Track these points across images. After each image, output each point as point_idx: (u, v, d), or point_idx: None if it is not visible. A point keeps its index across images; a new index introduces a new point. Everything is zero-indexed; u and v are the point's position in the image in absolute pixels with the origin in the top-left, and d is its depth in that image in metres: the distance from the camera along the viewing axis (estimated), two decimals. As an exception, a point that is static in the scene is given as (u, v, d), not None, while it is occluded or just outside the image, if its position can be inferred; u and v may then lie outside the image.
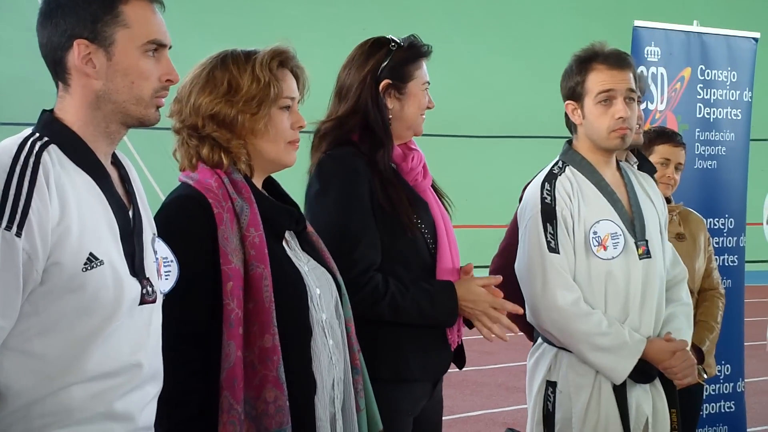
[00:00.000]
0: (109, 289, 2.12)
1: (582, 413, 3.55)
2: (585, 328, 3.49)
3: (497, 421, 7.51)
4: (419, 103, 3.37)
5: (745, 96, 5.77)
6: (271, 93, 2.69)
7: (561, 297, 3.50)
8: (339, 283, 2.83)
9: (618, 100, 3.56)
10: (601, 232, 3.55)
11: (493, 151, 17.42)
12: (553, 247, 3.52)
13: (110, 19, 2.18)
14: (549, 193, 3.58)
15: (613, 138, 3.57)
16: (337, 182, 3.24)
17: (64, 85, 2.21)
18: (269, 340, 2.54)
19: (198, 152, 2.69)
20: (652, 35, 5.50)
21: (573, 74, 3.62)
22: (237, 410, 2.50)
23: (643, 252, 3.60)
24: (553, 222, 3.54)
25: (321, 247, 2.85)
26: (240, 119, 2.68)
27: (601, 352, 3.50)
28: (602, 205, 3.59)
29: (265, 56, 2.70)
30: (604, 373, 3.54)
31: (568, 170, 3.63)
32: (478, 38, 18.77)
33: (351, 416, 2.77)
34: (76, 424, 2.11)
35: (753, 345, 6.95)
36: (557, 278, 3.51)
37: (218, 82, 2.68)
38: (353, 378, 2.79)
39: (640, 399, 3.60)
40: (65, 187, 2.10)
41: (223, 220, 2.58)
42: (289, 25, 16.75)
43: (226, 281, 2.54)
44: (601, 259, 3.54)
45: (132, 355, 2.18)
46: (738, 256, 5.77)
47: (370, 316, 3.20)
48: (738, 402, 5.73)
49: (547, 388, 3.62)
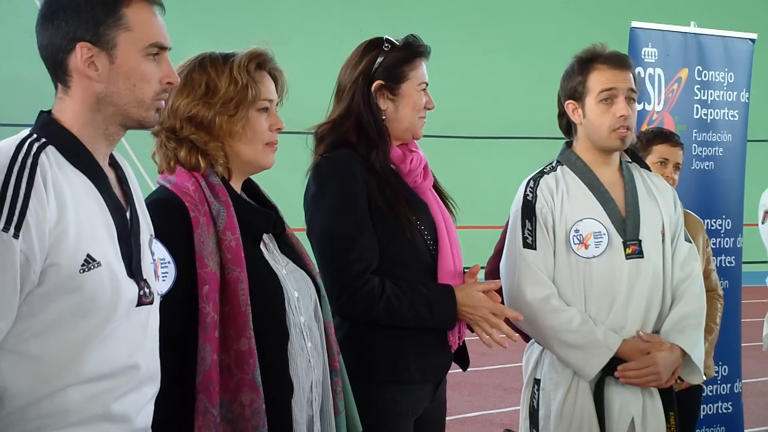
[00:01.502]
0: (107, 291, 2.12)
1: (559, 410, 3.58)
2: (552, 324, 3.52)
3: (495, 422, 7.51)
4: (414, 104, 3.34)
5: (742, 97, 5.77)
6: (249, 95, 2.69)
7: (530, 292, 3.53)
8: (318, 286, 2.82)
9: (620, 99, 3.58)
10: (583, 230, 3.57)
11: (490, 152, 17.43)
12: (529, 243, 3.56)
13: (113, 22, 2.18)
14: (532, 190, 3.63)
15: (614, 138, 3.59)
16: (333, 184, 3.23)
17: (63, 87, 2.20)
18: (245, 344, 2.54)
19: (176, 154, 2.68)
20: (649, 36, 5.50)
21: (574, 74, 3.63)
22: (212, 413, 2.49)
23: (633, 252, 3.59)
24: (532, 219, 3.58)
25: (300, 250, 2.85)
26: (218, 121, 2.68)
27: (570, 348, 3.53)
28: (589, 204, 3.60)
29: (242, 58, 2.70)
30: (574, 369, 3.56)
31: (559, 169, 3.66)
32: (475, 39, 18.77)
33: (329, 419, 2.77)
34: (72, 426, 2.11)
35: (750, 346, 6.96)
36: (529, 274, 3.55)
37: (196, 84, 2.68)
38: (332, 380, 2.79)
39: (628, 400, 3.58)
40: (63, 189, 2.10)
41: (200, 224, 2.57)
42: (286, 26, 16.77)
43: (202, 285, 2.53)
44: (581, 257, 3.56)
45: (129, 356, 2.18)
46: (735, 257, 5.77)
47: (365, 319, 3.19)
48: (735, 403, 5.73)
49: (534, 385, 3.66)
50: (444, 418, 3.51)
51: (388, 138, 3.33)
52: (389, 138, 3.33)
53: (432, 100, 3.40)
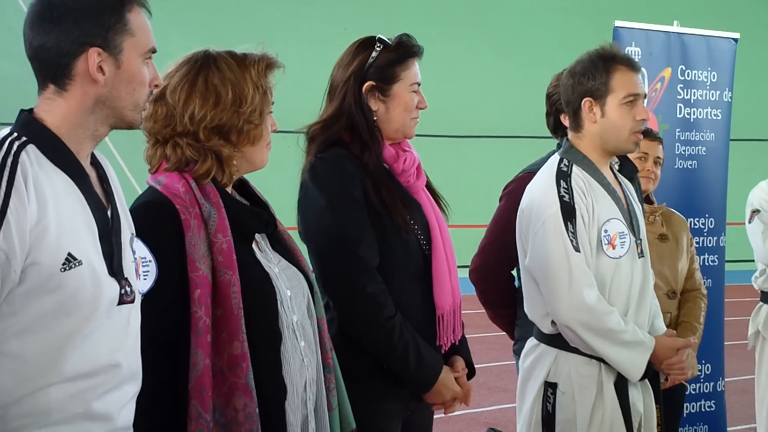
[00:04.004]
0: (88, 289, 2.11)
1: (587, 414, 3.54)
2: (611, 326, 3.49)
3: (479, 420, 7.51)
4: (405, 105, 3.32)
5: (725, 96, 5.78)
6: (269, 102, 2.69)
7: (587, 295, 3.48)
8: (311, 282, 2.81)
9: (640, 102, 3.60)
10: (611, 230, 3.55)
11: (473, 150, 17.43)
12: (575, 246, 3.49)
13: (120, 28, 2.19)
14: (567, 191, 3.54)
15: (632, 141, 3.61)
16: (330, 184, 3.21)
17: (57, 89, 2.19)
18: (238, 348, 2.52)
19: (186, 160, 2.62)
20: (632, 35, 5.51)
21: (597, 72, 3.59)
22: (205, 419, 2.48)
23: (641, 251, 3.61)
24: (573, 220, 3.50)
25: (293, 246, 2.83)
26: (245, 129, 2.65)
27: (624, 348, 3.51)
28: (609, 204, 3.59)
29: (260, 64, 2.68)
30: (623, 368, 3.54)
31: (576, 168, 3.60)
32: (459, 38, 18.78)
33: (323, 417, 2.76)
34: (54, 425, 2.10)
35: (733, 344, 6.97)
36: (583, 277, 3.48)
37: (221, 92, 2.63)
38: (326, 377, 2.78)
39: (635, 397, 3.62)
40: (43, 187, 2.09)
41: (191, 227, 2.55)
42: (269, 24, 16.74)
43: (194, 289, 2.51)
44: (610, 258, 3.54)
45: (110, 355, 2.17)
46: (718, 256, 5.79)
47: (364, 322, 3.17)
48: (718, 401, 5.74)
49: (546, 390, 3.59)
50: (431, 417, 3.51)
51: (381, 138, 3.31)
52: (381, 138, 3.32)
53: (424, 99, 3.37)
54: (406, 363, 3.20)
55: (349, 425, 2.85)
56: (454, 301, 3.35)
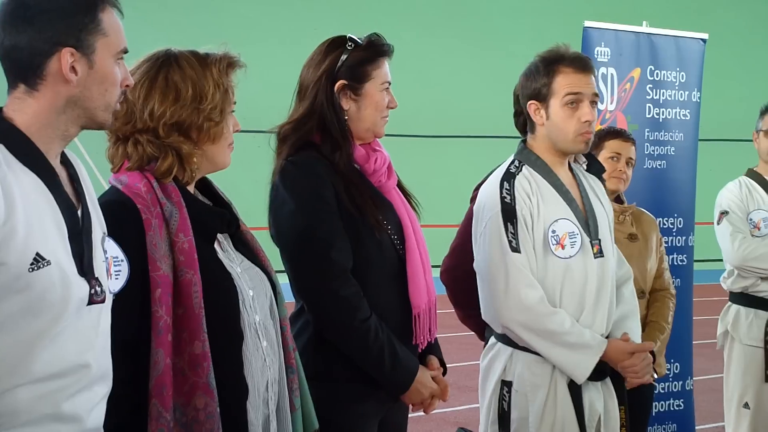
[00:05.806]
0: (56, 290, 2.10)
1: (539, 413, 3.56)
2: (552, 327, 3.50)
3: (449, 420, 7.52)
4: (377, 105, 3.32)
5: (693, 96, 5.82)
6: (230, 100, 2.68)
7: (525, 296, 3.50)
8: (274, 283, 2.80)
9: (584, 104, 3.59)
10: (559, 231, 3.56)
11: (445, 150, 17.44)
12: (514, 247, 3.51)
13: (93, 28, 2.18)
14: (509, 192, 3.57)
15: (579, 142, 3.60)
16: (301, 189, 3.20)
17: (27, 89, 2.18)
18: (199, 347, 2.52)
19: (148, 158, 2.62)
20: (602, 36, 5.53)
21: (539, 75, 3.61)
22: (166, 418, 2.47)
23: (597, 251, 3.61)
24: (513, 221, 3.53)
25: (256, 247, 2.82)
26: (206, 127, 2.65)
27: (567, 349, 3.52)
28: (559, 205, 3.60)
29: (222, 62, 2.67)
30: (567, 370, 3.55)
31: (525, 169, 3.63)
32: (430, 38, 18.78)
33: (286, 416, 2.76)
34: (22, 426, 2.09)
35: (701, 344, 7.02)
36: (520, 277, 3.50)
37: (181, 89, 2.63)
38: (288, 377, 2.78)
39: (593, 397, 3.62)
40: (11, 187, 2.07)
41: (152, 226, 2.54)
42: (240, 24, 16.69)
43: (155, 288, 2.51)
44: (560, 258, 3.55)
45: (80, 355, 2.16)
46: (687, 256, 5.82)
47: (337, 323, 3.16)
48: (687, 400, 5.78)
49: (502, 388, 3.62)
50: (407, 418, 3.51)
51: (351, 138, 3.31)
52: (352, 138, 3.32)
53: (395, 99, 3.37)
54: (381, 365, 3.20)
55: (312, 425, 2.85)
56: (429, 300, 3.35)
